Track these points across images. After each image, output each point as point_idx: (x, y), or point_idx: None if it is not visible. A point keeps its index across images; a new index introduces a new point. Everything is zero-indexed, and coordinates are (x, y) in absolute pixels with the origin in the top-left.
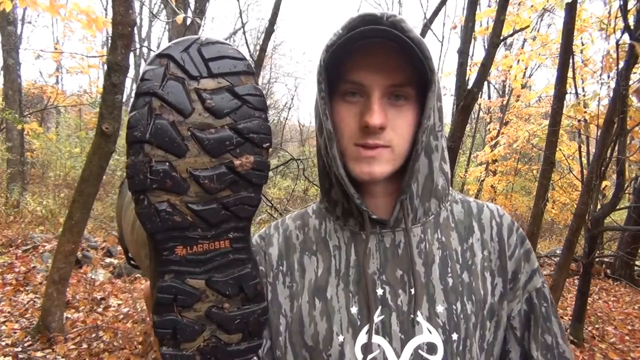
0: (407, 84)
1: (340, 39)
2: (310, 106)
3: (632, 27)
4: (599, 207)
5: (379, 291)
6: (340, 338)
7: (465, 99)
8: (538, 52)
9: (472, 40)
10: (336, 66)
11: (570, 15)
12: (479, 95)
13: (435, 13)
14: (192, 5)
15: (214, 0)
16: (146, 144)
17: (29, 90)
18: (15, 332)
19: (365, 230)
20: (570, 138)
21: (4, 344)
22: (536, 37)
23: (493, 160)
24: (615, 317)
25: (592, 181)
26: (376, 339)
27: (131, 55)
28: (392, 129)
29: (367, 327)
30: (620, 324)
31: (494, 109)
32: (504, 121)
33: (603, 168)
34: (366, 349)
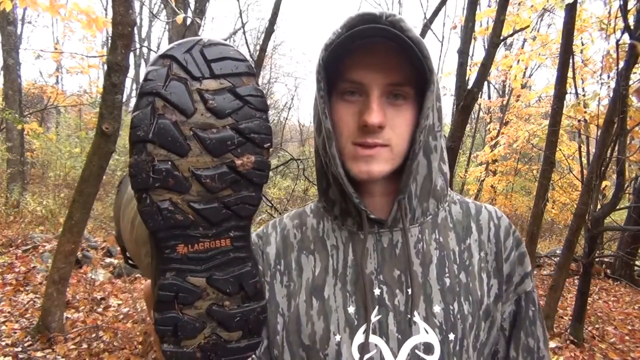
0: (406, 83)
1: (339, 38)
2: (310, 106)
3: (632, 27)
4: (599, 207)
5: (376, 291)
6: (337, 337)
7: (465, 99)
8: (538, 52)
9: (472, 40)
10: (335, 65)
11: (570, 15)
12: (479, 95)
13: (435, 13)
14: (192, 5)
15: (214, 0)
16: (149, 143)
17: (29, 90)
18: (15, 332)
19: (363, 230)
20: (570, 138)
21: (4, 344)
22: (536, 37)
23: (493, 160)
24: (615, 317)
25: (592, 181)
26: (373, 338)
27: (131, 55)
28: (391, 128)
29: (364, 326)
30: (620, 324)
31: (494, 109)
32: (504, 121)
33: (603, 168)
34: (363, 348)
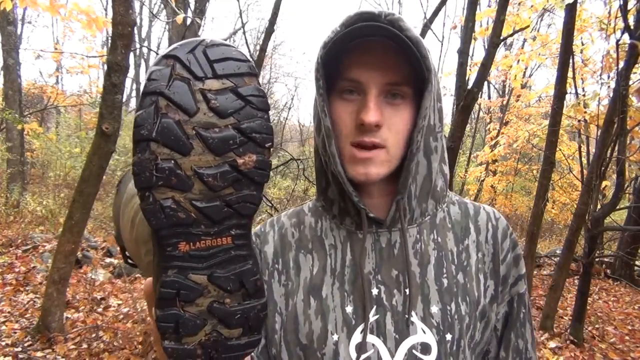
0: (404, 82)
1: (337, 36)
2: (310, 106)
3: (632, 27)
4: (599, 207)
5: (374, 291)
6: (335, 337)
7: (465, 99)
8: (538, 52)
9: (472, 40)
10: (335, 64)
11: (570, 15)
12: (479, 95)
13: (435, 13)
14: (192, 5)
15: (214, 0)
16: (152, 142)
17: (29, 90)
18: (15, 332)
19: (361, 230)
20: (570, 138)
21: (4, 344)
22: (536, 37)
23: (493, 160)
24: (615, 317)
25: (592, 181)
26: (370, 338)
27: (131, 55)
28: (388, 128)
29: (361, 326)
30: (620, 324)
31: (494, 109)
32: (504, 121)
33: (603, 168)
34: (360, 348)
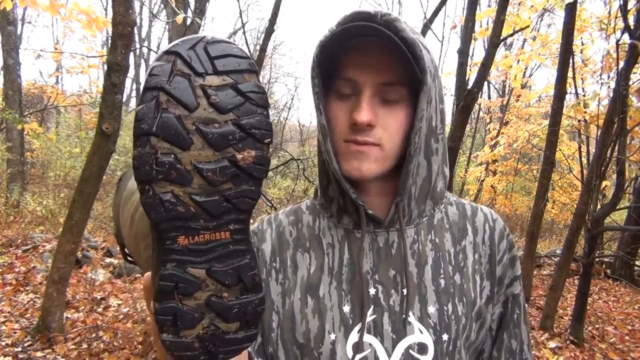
0: (398, 83)
1: (332, 35)
2: (310, 106)
3: (632, 27)
4: (599, 207)
5: (372, 290)
6: (332, 336)
7: (465, 99)
8: (538, 52)
9: (472, 40)
10: (333, 64)
11: (570, 15)
12: (479, 95)
13: (435, 13)
14: (192, 5)
15: (214, 0)
16: (153, 136)
17: (29, 90)
18: (15, 332)
19: (359, 229)
20: (570, 138)
21: (4, 344)
22: (536, 37)
23: (493, 160)
24: (615, 317)
25: (592, 181)
26: (368, 338)
27: (131, 55)
28: (382, 128)
29: (359, 326)
30: (620, 324)
31: (494, 109)
32: (504, 121)
33: (603, 168)
34: (357, 347)
